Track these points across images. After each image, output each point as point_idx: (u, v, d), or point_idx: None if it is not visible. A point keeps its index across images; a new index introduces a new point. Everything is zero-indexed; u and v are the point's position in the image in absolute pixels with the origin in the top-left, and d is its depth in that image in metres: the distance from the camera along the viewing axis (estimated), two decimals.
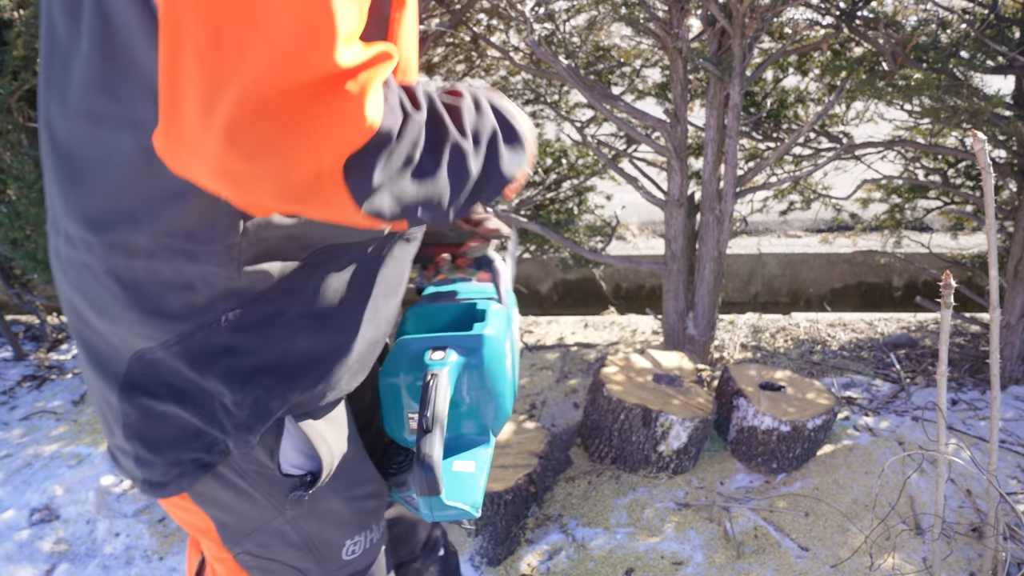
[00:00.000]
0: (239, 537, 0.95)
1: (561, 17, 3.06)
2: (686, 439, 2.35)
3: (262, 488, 0.91)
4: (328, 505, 0.97)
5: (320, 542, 0.99)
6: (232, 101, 0.57)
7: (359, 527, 1.02)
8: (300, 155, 0.61)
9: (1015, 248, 2.73)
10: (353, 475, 1.00)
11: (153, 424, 0.85)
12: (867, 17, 2.69)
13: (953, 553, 2.03)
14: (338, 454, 0.95)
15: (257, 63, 0.57)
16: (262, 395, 0.84)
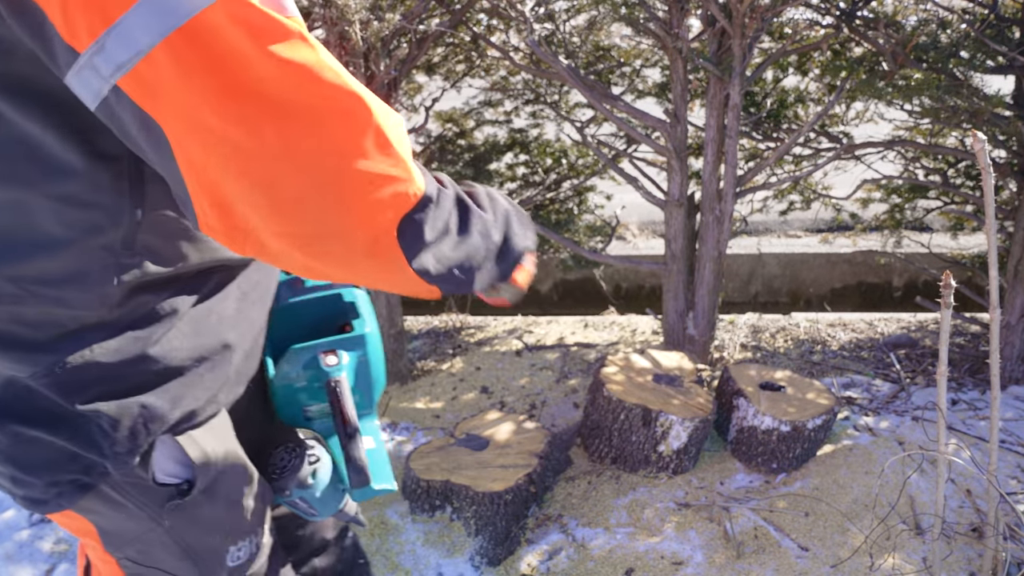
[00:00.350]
0: (120, 544, 0.95)
1: (561, 17, 3.06)
2: (686, 439, 2.35)
3: (137, 499, 0.91)
4: (208, 512, 0.96)
5: (203, 550, 0.98)
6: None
7: (243, 533, 1.01)
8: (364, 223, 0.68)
9: (1015, 248, 2.73)
10: (233, 480, 0.99)
11: (24, 449, 0.84)
12: (867, 17, 2.69)
13: (953, 553, 2.03)
14: (215, 460, 0.95)
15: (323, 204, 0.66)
16: (140, 417, 0.84)
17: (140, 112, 0.59)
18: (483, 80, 3.50)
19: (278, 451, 1.13)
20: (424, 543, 2.15)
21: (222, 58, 0.57)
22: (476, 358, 3.35)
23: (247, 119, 0.59)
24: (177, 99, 0.58)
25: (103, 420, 0.82)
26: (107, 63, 0.57)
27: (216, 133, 0.59)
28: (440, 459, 2.29)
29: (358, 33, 2.40)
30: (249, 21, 0.57)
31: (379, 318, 3.01)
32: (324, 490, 1.12)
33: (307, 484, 1.10)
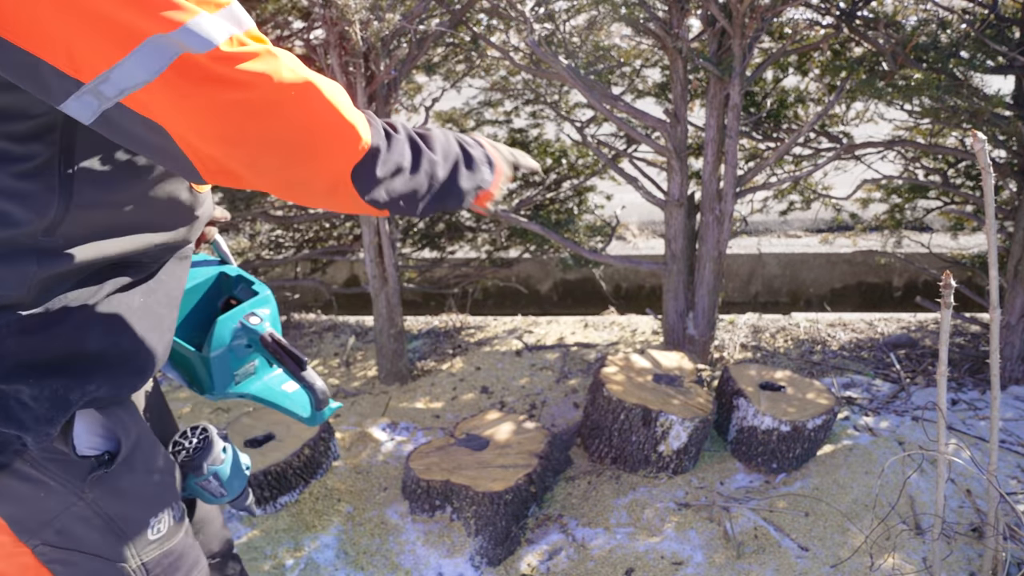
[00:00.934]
0: (36, 528, 0.96)
1: (561, 17, 3.06)
2: (686, 439, 2.35)
3: (57, 475, 0.94)
4: (128, 483, 1.00)
5: (124, 523, 1.01)
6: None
7: (161, 504, 1.06)
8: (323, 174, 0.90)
9: (1015, 248, 2.73)
10: (149, 451, 1.04)
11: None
12: (867, 17, 2.69)
13: (953, 553, 2.03)
14: (134, 431, 1.00)
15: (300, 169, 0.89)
16: (60, 388, 0.89)
17: (144, 119, 0.78)
18: (483, 80, 3.50)
19: (183, 434, 1.21)
20: (424, 543, 2.15)
21: (205, 82, 0.77)
22: (476, 358, 3.35)
23: (230, 120, 0.79)
24: (175, 111, 0.78)
25: (23, 393, 0.87)
26: (111, 89, 0.75)
27: (208, 130, 0.79)
28: (440, 459, 2.29)
29: (358, 33, 2.40)
30: (221, 57, 0.77)
31: (379, 318, 3.01)
32: (233, 467, 1.22)
33: (220, 459, 1.19)
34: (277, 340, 1.17)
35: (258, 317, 1.20)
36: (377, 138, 0.93)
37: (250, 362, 1.22)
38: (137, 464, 1.01)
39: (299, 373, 1.16)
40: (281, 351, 1.16)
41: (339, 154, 0.89)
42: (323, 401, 1.17)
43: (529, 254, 3.73)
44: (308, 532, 2.22)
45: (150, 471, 1.04)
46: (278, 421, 2.49)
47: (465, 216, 3.68)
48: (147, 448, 1.04)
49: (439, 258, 3.73)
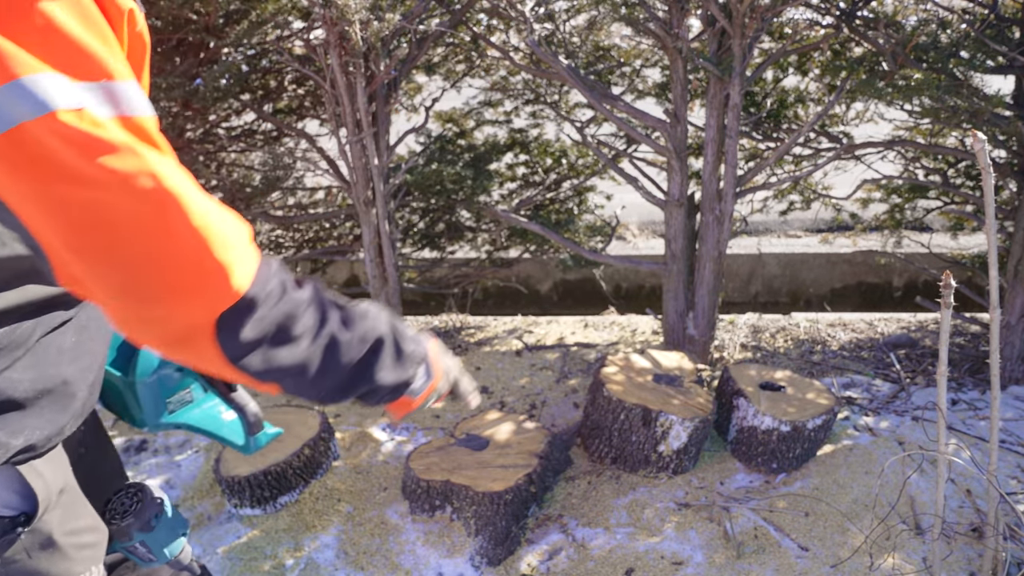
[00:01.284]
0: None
1: (561, 17, 3.06)
2: (686, 439, 2.35)
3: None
4: (45, 545, 0.94)
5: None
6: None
7: (77, 570, 0.99)
8: (176, 319, 0.71)
9: (1015, 248, 2.73)
10: (72, 510, 0.98)
11: None
12: (867, 17, 2.69)
13: (953, 553, 2.03)
14: (56, 489, 0.93)
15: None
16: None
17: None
18: (483, 80, 3.50)
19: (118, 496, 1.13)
20: (424, 543, 2.15)
21: (42, 162, 0.64)
22: (476, 358, 3.35)
23: (69, 219, 0.66)
24: (9, 184, 0.65)
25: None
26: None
27: (46, 221, 0.66)
28: (440, 459, 2.29)
29: (358, 33, 2.40)
30: (68, 136, 0.64)
31: None
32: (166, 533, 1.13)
33: (150, 527, 1.10)
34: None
35: None
36: (258, 288, 0.73)
37: (185, 389, 1.14)
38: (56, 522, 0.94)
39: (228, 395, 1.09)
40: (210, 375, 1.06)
41: (196, 299, 0.70)
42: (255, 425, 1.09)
43: (529, 254, 3.73)
44: (308, 532, 2.22)
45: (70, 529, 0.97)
46: (278, 421, 2.49)
47: (465, 216, 3.68)
48: (70, 503, 0.97)
49: (439, 258, 3.73)
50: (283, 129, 3.36)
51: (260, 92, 3.32)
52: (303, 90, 3.41)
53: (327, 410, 2.94)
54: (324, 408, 2.88)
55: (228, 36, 2.77)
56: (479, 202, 3.28)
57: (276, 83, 3.37)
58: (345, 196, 3.65)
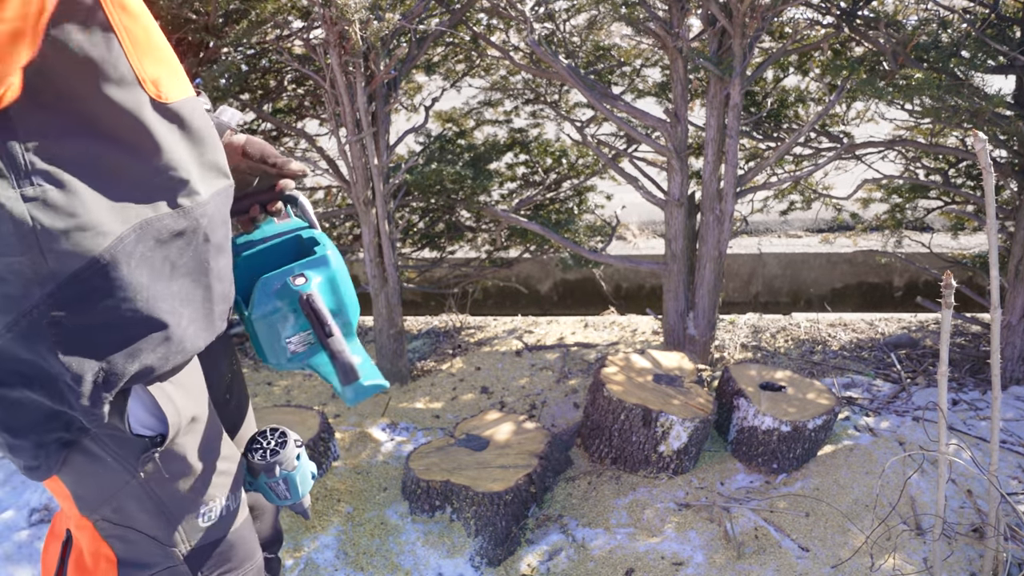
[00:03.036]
0: (95, 504, 1.00)
1: (561, 17, 3.05)
2: (686, 439, 2.35)
3: (114, 451, 0.96)
4: (180, 467, 1.01)
5: (174, 505, 1.02)
6: None
7: (214, 491, 1.06)
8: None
9: (1016, 248, 2.73)
10: (205, 438, 1.04)
11: (11, 412, 0.90)
12: (868, 17, 2.69)
13: (954, 553, 2.03)
14: (186, 416, 0.99)
15: None
16: (100, 369, 0.88)
17: None
18: (483, 80, 3.49)
19: (262, 433, 1.19)
20: (424, 543, 2.15)
21: None
22: (476, 358, 3.35)
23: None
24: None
25: (65, 375, 0.87)
26: None
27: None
28: (440, 459, 2.29)
29: (358, 33, 2.40)
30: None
31: (379, 318, 3.01)
32: (302, 473, 1.19)
33: (293, 465, 1.16)
34: (312, 303, 1.08)
35: (304, 278, 1.10)
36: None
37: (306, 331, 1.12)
38: (190, 448, 1.01)
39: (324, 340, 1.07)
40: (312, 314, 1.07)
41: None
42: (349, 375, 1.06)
43: (529, 254, 3.73)
44: (308, 532, 2.22)
45: (204, 457, 1.04)
46: (278, 421, 2.49)
47: (465, 216, 3.68)
48: (204, 432, 1.04)
49: (439, 258, 3.73)
50: (283, 129, 3.36)
51: (260, 92, 3.31)
52: (303, 90, 3.41)
53: (327, 411, 2.94)
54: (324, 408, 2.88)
55: (227, 36, 2.77)
56: (479, 202, 3.28)
57: (276, 83, 3.37)
58: (345, 196, 3.65)
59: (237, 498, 1.11)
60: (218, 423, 1.09)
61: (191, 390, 1.02)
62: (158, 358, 0.94)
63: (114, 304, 0.88)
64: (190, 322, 0.97)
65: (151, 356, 0.93)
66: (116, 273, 0.88)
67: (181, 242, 0.94)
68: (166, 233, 0.92)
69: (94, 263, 0.86)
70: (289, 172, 1.22)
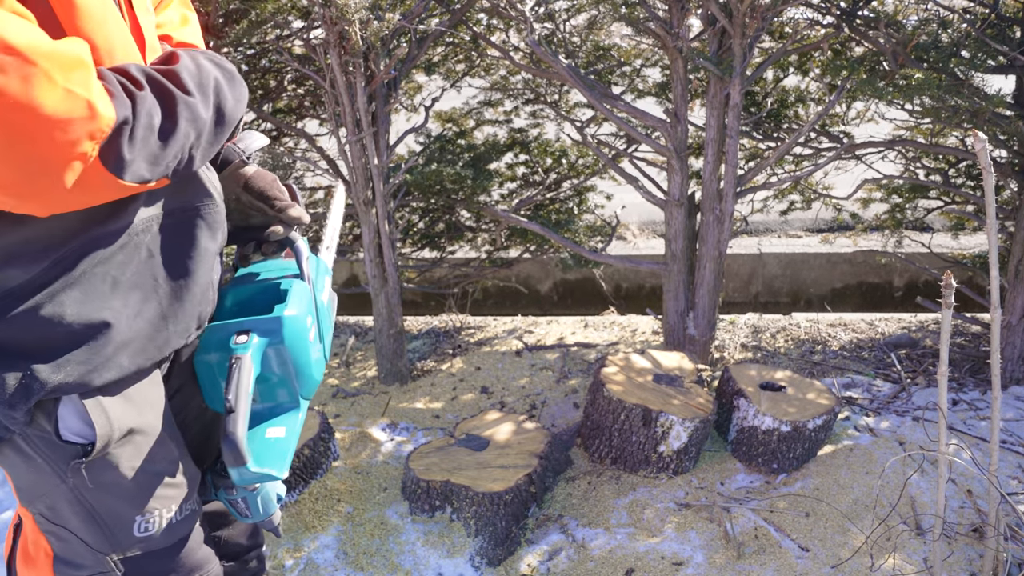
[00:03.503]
0: (32, 498, 1.00)
1: (561, 17, 3.05)
2: (686, 439, 2.34)
3: (44, 454, 0.95)
4: (112, 478, 0.99)
5: (107, 515, 1.01)
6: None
7: (152, 505, 1.04)
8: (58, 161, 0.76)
9: (1016, 248, 2.73)
10: (147, 452, 1.02)
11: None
12: (868, 17, 2.69)
13: (954, 553, 2.03)
14: (120, 427, 0.97)
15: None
16: (22, 377, 0.88)
17: None
18: (483, 80, 3.49)
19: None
20: (424, 543, 2.15)
21: None
22: (476, 358, 3.35)
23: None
24: None
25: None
26: None
27: None
28: (440, 459, 2.29)
29: (358, 33, 2.40)
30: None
31: (379, 318, 3.01)
32: (266, 494, 1.15)
33: (253, 488, 1.12)
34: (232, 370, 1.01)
35: (246, 337, 1.04)
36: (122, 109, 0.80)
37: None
38: (126, 459, 0.99)
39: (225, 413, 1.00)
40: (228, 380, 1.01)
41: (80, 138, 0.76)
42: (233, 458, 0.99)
43: (529, 254, 3.73)
44: (308, 532, 2.22)
45: (144, 470, 1.01)
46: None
47: (465, 216, 3.68)
48: (148, 446, 1.02)
49: (439, 258, 3.73)
50: (283, 129, 3.36)
51: (260, 92, 3.31)
52: (303, 90, 3.41)
53: (327, 410, 2.94)
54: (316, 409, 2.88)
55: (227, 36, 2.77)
56: (479, 202, 3.28)
57: (276, 83, 3.37)
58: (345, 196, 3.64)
59: (186, 510, 1.08)
60: (168, 437, 1.05)
61: (137, 402, 1.00)
62: (87, 371, 0.92)
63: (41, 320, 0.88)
64: (132, 337, 0.96)
65: (79, 369, 0.91)
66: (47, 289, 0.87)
67: (121, 256, 0.93)
68: (108, 248, 0.91)
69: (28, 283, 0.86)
70: (286, 217, 1.19)
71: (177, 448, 1.08)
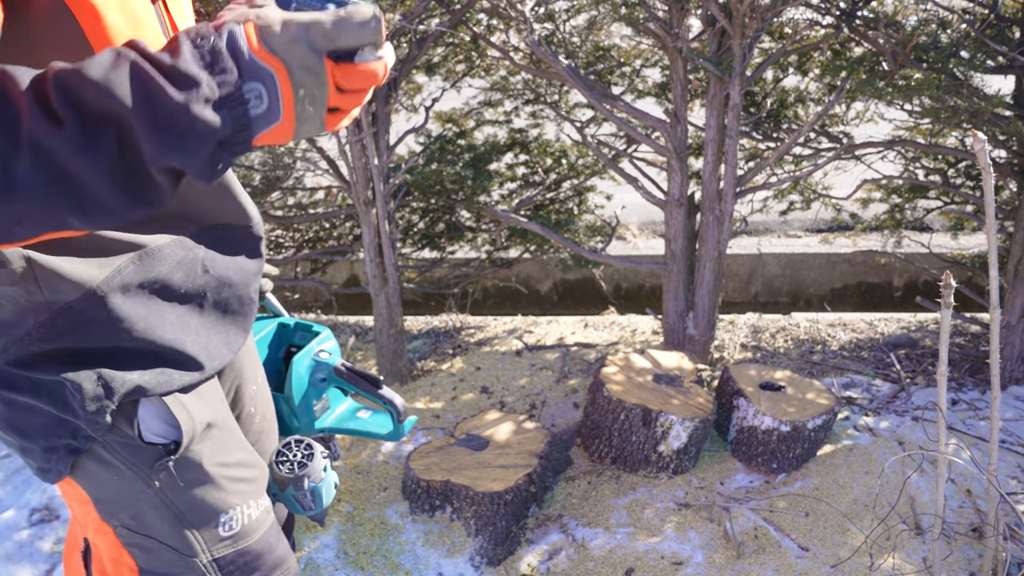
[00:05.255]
0: (114, 509, 0.98)
1: (561, 17, 3.06)
2: (686, 439, 2.35)
3: (127, 459, 0.94)
4: (196, 475, 0.98)
5: (193, 515, 1.00)
6: None
7: (233, 501, 1.03)
8: None
9: (1015, 248, 2.73)
10: (223, 446, 1.02)
11: (21, 415, 0.90)
12: (867, 17, 2.69)
13: (953, 553, 2.03)
14: (201, 423, 0.97)
15: None
16: (101, 382, 0.88)
17: None
18: (483, 80, 3.49)
19: (287, 445, 1.20)
20: (424, 543, 2.15)
21: None
22: (476, 358, 3.35)
23: None
24: None
25: (67, 386, 0.87)
26: None
27: None
28: (440, 459, 2.29)
29: None
30: None
31: (379, 318, 3.01)
32: (328, 485, 1.22)
33: (320, 478, 1.19)
34: (349, 368, 1.26)
35: (327, 352, 1.28)
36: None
37: (322, 398, 1.30)
38: (207, 455, 0.99)
39: (377, 392, 1.24)
40: (356, 376, 1.25)
41: None
42: (403, 414, 1.26)
43: (529, 254, 3.73)
44: (308, 532, 2.22)
45: (221, 462, 1.02)
46: None
47: (465, 216, 3.68)
48: (221, 440, 1.02)
49: (439, 258, 3.73)
50: None
51: None
52: None
53: None
54: None
55: None
56: (479, 202, 3.28)
57: None
58: (345, 196, 3.65)
59: (260, 505, 1.08)
60: (237, 430, 1.08)
61: (206, 397, 1.01)
62: (158, 382, 0.93)
63: (110, 333, 0.88)
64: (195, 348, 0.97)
65: (150, 378, 0.92)
66: (112, 304, 0.87)
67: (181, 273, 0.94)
68: (165, 263, 0.92)
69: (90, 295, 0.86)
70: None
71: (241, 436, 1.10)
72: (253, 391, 1.20)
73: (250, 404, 1.19)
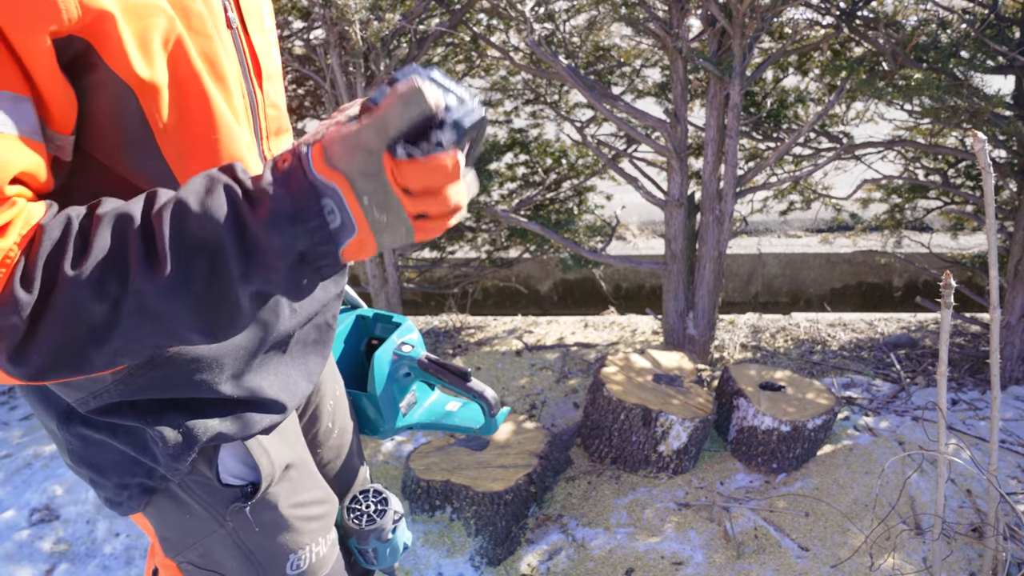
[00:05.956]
0: (182, 548, 0.97)
1: (561, 17, 3.06)
2: (686, 439, 2.35)
3: (203, 499, 0.93)
4: (271, 517, 0.97)
5: (263, 555, 0.98)
6: None
7: (303, 540, 1.02)
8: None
9: (1015, 248, 2.73)
10: (299, 486, 1.01)
11: (95, 451, 0.89)
12: (867, 17, 2.69)
13: (953, 553, 2.03)
14: (280, 465, 0.96)
15: None
16: (181, 428, 0.86)
17: None
18: (483, 80, 3.49)
19: (364, 492, 1.18)
20: (424, 543, 2.15)
21: None
22: (476, 358, 3.35)
23: None
24: None
25: (148, 432, 0.86)
26: None
27: None
28: (440, 459, 2.29)
29: (358, 33, 2.40)
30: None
31: None
32: (395, 546, 1.18)
33: (386, 537, 1.16)
34: (435, 361, 1.17)
35: (409, 345, 1.20)
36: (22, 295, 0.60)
37: (410, 392, 1.22)
38: (282, 496, 0.98)
39: (466, 385, 1.15)
40: (443, 369, 1.17)
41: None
42: (495, 407, 1.17)
43: (529, 254, 3.73)
44: None
45: (295, 503, 1.00)
46: None
47: (465, 216, 3.68)
48: (296, 478, 1.00)
49: (439, 258, 3.73)
50: None
51: None
52: (303, 90, 3.41)
53: None
54: None
55: None
56: (479, 202, 3.28)
57: None
58: None
59: (328, 540, 1.07)
60: (313, 467, 1.06)
61: (287, 436, 0.99)
62: (240, 427, 0.91)
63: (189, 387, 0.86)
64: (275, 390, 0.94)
65: (231, 423, 0.90)
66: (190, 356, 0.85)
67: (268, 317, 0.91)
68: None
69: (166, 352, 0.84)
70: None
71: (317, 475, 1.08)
72: (331, 406, 1.17)
73: (328, 419, 1.17)
